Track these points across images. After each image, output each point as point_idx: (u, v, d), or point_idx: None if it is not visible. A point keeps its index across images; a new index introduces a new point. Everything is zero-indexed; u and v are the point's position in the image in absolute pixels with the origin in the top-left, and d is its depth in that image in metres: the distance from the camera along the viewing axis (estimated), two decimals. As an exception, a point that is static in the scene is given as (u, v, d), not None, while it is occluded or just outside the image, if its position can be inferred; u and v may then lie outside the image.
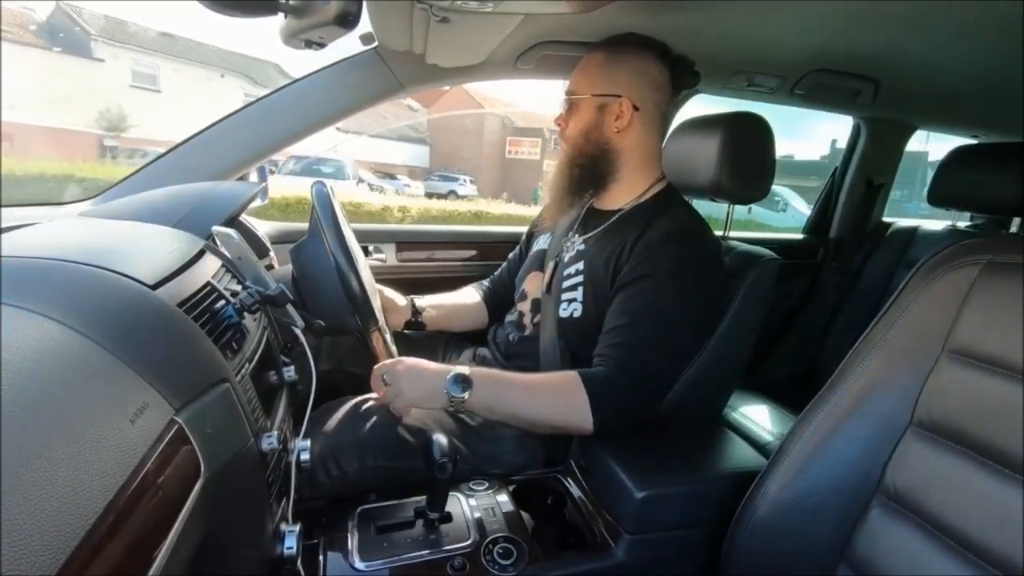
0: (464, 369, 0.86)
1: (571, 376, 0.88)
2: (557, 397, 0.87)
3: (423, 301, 1.23)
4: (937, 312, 0.66)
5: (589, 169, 1.04)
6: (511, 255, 1.36)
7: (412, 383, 0.86)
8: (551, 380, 0.90)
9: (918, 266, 0.70)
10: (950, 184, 1.55)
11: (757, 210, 1.27)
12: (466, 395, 0.84)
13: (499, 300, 1.32)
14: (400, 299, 1.19)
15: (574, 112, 1.04)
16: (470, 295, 1.34)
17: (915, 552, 0.61)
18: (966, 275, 0.64)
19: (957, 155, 1.54)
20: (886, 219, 2.00)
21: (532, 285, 1.15)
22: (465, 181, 19.08)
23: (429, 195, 15.76)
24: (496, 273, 1.38)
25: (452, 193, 17.11)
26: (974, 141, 1.84)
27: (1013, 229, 1.60)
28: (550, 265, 1.11)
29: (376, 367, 0.89)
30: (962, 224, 1.85)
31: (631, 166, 1.04)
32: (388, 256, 1.51)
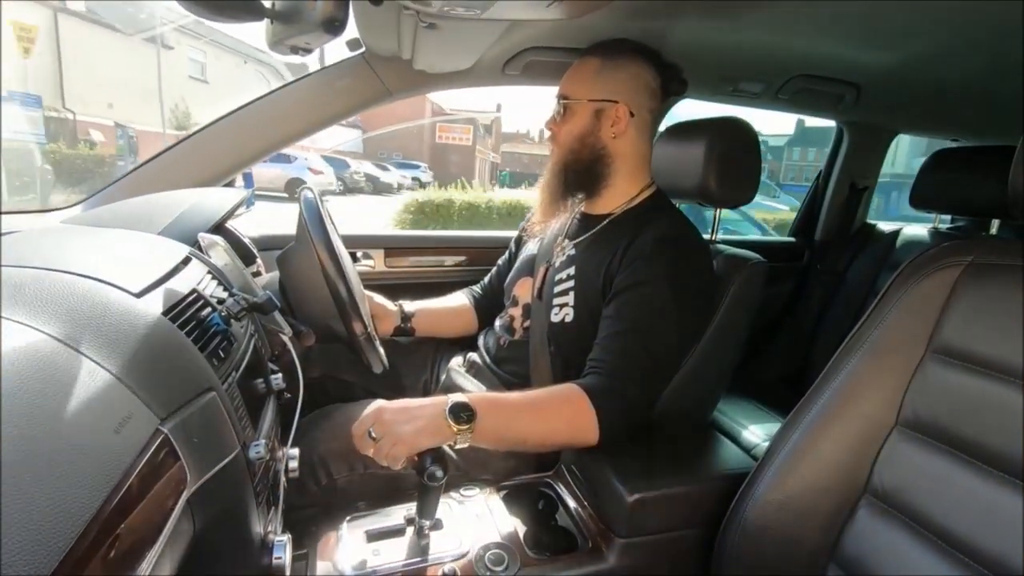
0: (461, 397, 0.78)
1: (573, 390, 0.85)
2: (563, 415, 0.84)
3: (412, 307, 1.23)
4: (921, 313, 0.67)
5: (583, 174, 1.04)
6: (500, 260, 1.36)
7: (407, 424, 0.73)
8: (554, 397, 0.86)
9: (901, 268, 0.71)
10: (931, 187, 1.57)
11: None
12: (472, 425, 0.75)
13: (488, 305, 1.31)
14: (389, 305, 1.18)
15: (569, 116, 1.03)
16: (459, 300, 1.33)
17: (903, 551, 0.62)
18: (948, 276, 0.65)
19: (937, 159, 1.57)
20: (869, 221, 2.03)
21: (522, 290, 1.15)
22: (424, 168, 19.03)
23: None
24: (485, 279, 1.37)
25: (416, 180, 17.20)
26: (954, 144, 1.87)
27: (993, 231, 1.63)
28: (540, 270, 1.11)
29: (354, 426, 0.76)
30: (943, 226, 1.88)
31: (624, 172, 1.04)
32: (376, 262, 1.51)
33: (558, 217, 1.11)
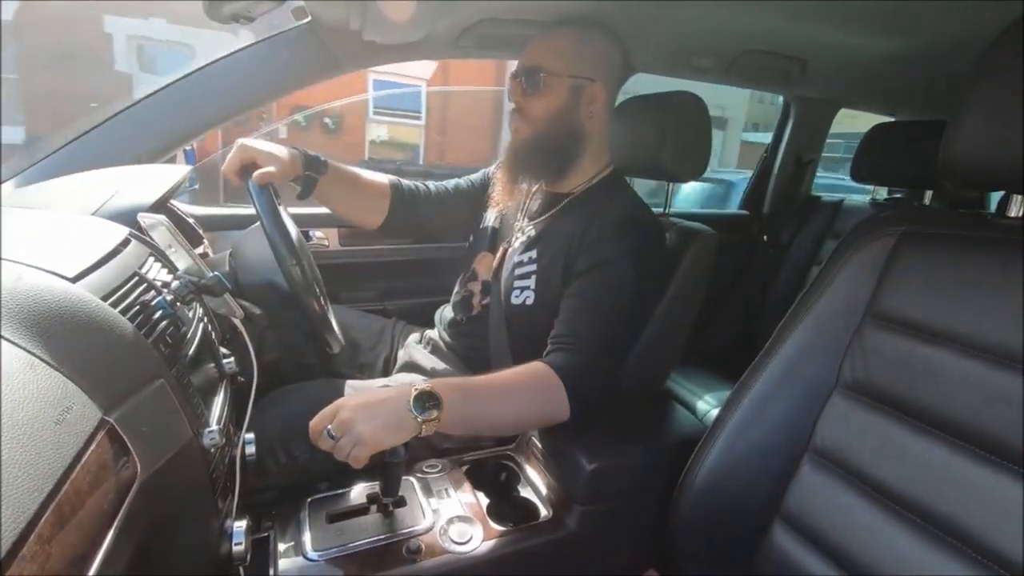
0: (423, 384, 0.74)
1: (543, 369, 0.84)
2: (534, 395, 0.83)
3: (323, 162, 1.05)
4: (859, 280, 0.70)
5: (554, 153, 1.01)
6: (454, 183, 1.25)
7: (368, 423, 0.68)
8: (524, 377, 0.84)
9: (843, 239, 0.74)
10: (869, 160, 1.64)
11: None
12: (437, 413, 0.71)
13: (406, 207, 1.18)
14: (283, 151, 0.95)
15: (544, 92, 0.98)
16: (380, 180, 1.18)
17: (843, 504, 0.66)
18: (884, 245, 0.69)
19: (875, 133, 1.63)
20: (814, 193, 2.12)
21: (482, 266, 1.15)
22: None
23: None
24: (426, 184, 1.23)
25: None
26: (891, 119, 1.96)
27: (926, 201, 1.72)
28: (500, 249, 1.10)
29: (312, 423, 0.71)
30: (881, 197, 1.97)
31: (591, 152, 1.04)
32: (331, 241, 1.47)
33: (518, 195, 1.10)
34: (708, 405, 1.52)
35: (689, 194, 4.38)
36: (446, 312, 1.20)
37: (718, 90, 1.68)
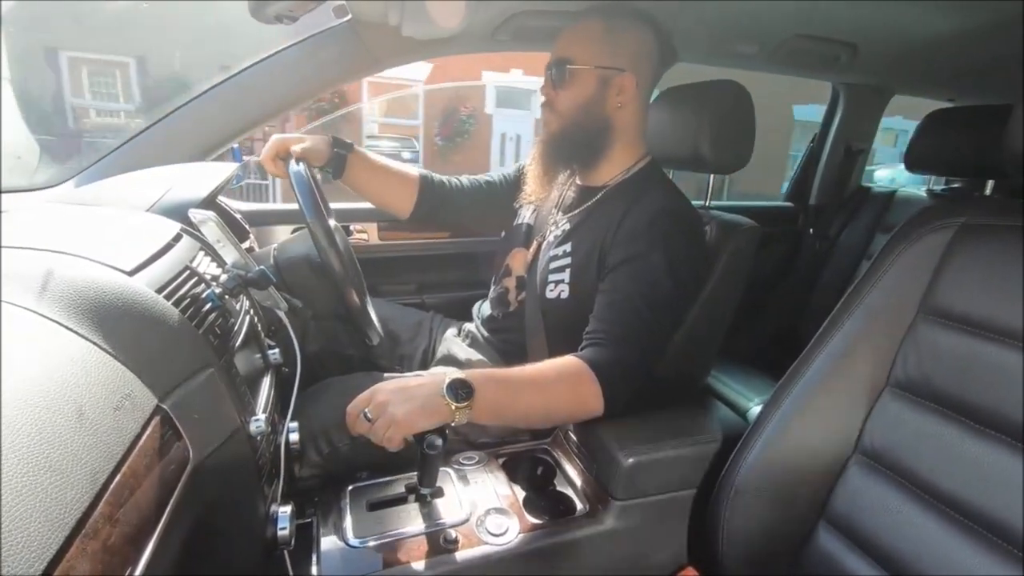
0: (458, 372, 0.75)
1: (576, 363, 0.84)
2: (567, 389, 0.83)
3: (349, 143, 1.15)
4: (913, 275, 0.67)
5: (582, 145, 1.01)
6: (487, 177, 1.28)
7: (403, 405, 0.70)
8: (557, 371, 0.84)
9: (896, 231, 0.71)
10: (926, 148, 1.56)
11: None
12: (469, 401, 0.72)
13: (436, 198, 1.22)
14: (320, 141, 1.08)
15: (572, 83, 0.98)
16: (408, 168, 1.23)
17: (893, 508, 0.63)
18: (941, 238, 0.65)
19: (933, 119, 1.55)
20: (864, 184, 2.03)
21: (516, 261, 1.15)
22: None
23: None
24: (456, 179, 1.27)
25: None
26: (950, 105, 1.86)
27: (988, 192, 1.63)
28: (534, 243, 1.10)
29: (350, 406, 0.73)
30: (938, 188, 1.87)
31: (623, 143, 1.02)
32: (370, 236, 1.50)
33: (552, 189, 1.10)
34: (750, 402, 1.49)
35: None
36: (484, 308, 1.21)
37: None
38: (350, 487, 0.84)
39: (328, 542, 0.74)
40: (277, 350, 0.80)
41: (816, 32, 1.31)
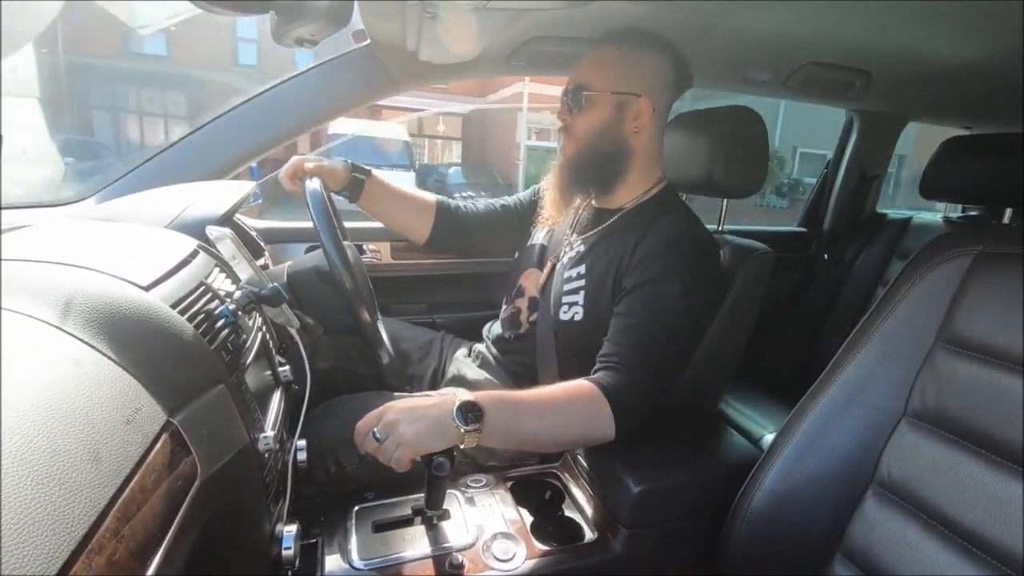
0: (468, 395, 0.74)
1: (588, 387, 0.83)
2: (578, 413, 0.82)
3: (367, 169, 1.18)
4: (931, 302, 0.66)
5: (599, 169, 1.01)
6: (503, 201, 1.30)
7: (412, 426, 0.70)
8: (569, 395, 0.83)
9: (912, 257, 0.70)
10: (942, 176, 1.55)
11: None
12: (478, 424, 0.72)
13: (453, 224, 1.24)
14: (339, 164, 1.12)
15: (588, 108, 0.99)
16: (426, 197, 1.26)
17: (911, 542, 0.61)
18: (959, 266, 0.65)
19: (949, 147, 1.54)
20: (879, 210, 2.01)
21: (529, 282, 1.15)
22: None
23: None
24: (472, 203, 1.29)
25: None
26: (966, 132, 1.85)
27: (1005, 220, 1.61)
28: (548, 265, 1.10)
29: (359, 425, 0.74)
30: (955, 215, 1.85)
31: (640, 167, 1.02)
32: (383, 254, 1.51)
33: (568, 212, 1.10)
34: (764, 429, 1.46)
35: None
36: (494, 328, 1.20)
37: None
38: (356, 507, 0.83)
39: (332, 563, 0.73)
40: (288, 367, 0.80)
41: (830, 59, 1.32)
